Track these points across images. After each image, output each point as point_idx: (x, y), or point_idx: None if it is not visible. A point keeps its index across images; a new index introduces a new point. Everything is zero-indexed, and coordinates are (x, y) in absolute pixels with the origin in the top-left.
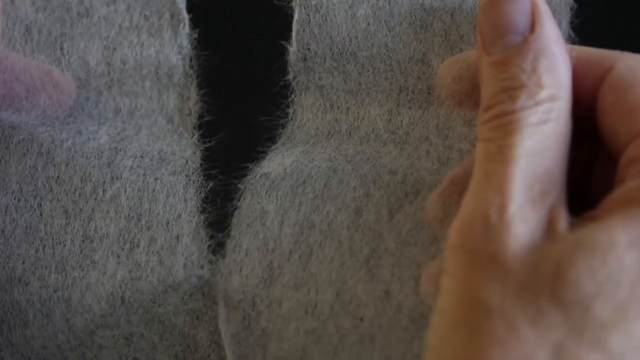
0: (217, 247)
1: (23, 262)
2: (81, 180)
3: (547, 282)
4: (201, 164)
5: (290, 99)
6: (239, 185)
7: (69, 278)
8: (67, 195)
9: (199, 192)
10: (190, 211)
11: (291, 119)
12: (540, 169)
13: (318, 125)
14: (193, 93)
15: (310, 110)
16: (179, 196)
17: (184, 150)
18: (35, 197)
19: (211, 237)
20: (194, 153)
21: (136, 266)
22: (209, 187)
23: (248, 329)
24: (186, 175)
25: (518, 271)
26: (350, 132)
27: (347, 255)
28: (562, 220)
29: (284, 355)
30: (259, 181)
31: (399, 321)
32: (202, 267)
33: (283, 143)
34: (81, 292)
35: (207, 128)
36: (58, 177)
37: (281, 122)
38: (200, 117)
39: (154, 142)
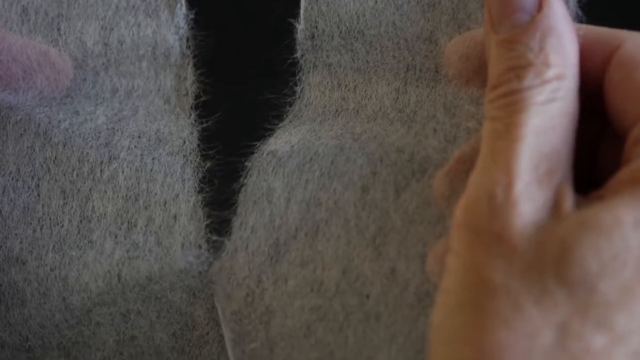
0: (216, 226)
1: (20, 242)
2: (79, 160)
3: (552, 261)
4: (198, 144)
5: (297, 77)
6: (245, 163)
7: (67, 257)
8: (64, 175)
9: (196, 172)
10: (188, 191)
11: (299, 97)
12: (547, 148)
13: (325, 103)
14: (190, 73)
15: (318, 88)
16: (176, 176)
17: (182, 130)
18: (32, 178)
19: (209, 216)
20: (191, 133)
21: (134, 246)
22: (206, 167)
23: (251, 306)
24: (184, 156)
25: (523, 250)
26: (357, 111)
27: (353, 233)
28: (568, 199)
29: (288, 333)
30: (265, 159)
31: (405, 299)
32: (199, 246)
33: (290, 121)
34: (78, 271)
35: (204, 108)
36: (55, 157)
37: (289, 100)
38: (197, 97)
39: (151, 122)
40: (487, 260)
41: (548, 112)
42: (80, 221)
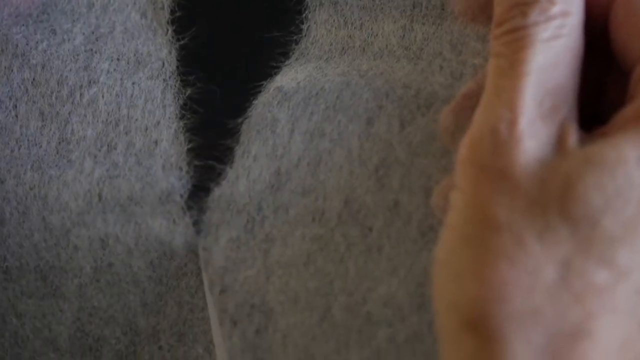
0: (197, 151)
1: None
2: (57, 83)
3: (555, 197)
4: (177, 67)
5: (304, 15)
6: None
7: (46, 176)
8: (43, 98)
9: (177, 98)
10: (169, 117)
11: (305, 35)
12: (551, 85)
13: (332, 41)
14: None
15: (324, 26)
16: (157, 102)
17: (160, 50)
18: (10, 99)
19: (190, 141)
20: (170, 53)
21: (114, 165)
22: (187, 94)
23: (251, 233)
24: (163, 80)
25: (527, 186)
26: (363, 48)
27: (356, 164)
28: (573, 136)
29: (287, 261)
30: (271, 94)
31: (408, 233)
32: (180, 168)
33: (297, 59)
34: (58, 190)
35: (180, 24)
36: (34, 79)
37: (295, 38)
38: (172, 12)
39: (129, 41)
40: (491, 196)
41: (552, 49)
42: (59, 142)
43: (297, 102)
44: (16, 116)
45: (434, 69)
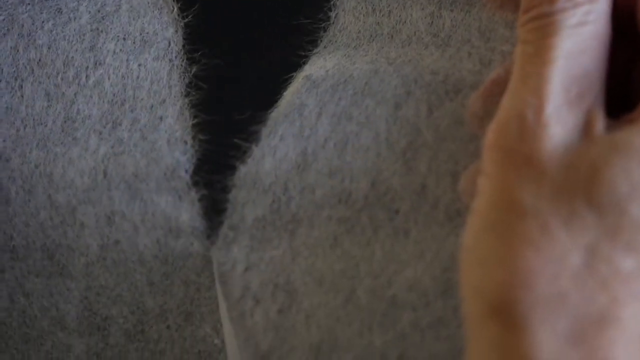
0: (203, 127)
1: (4, 141)
2: (64, 64)
3: (581, 183)
4: (184, 46)
5: (332, 2)
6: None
7: (51, 154)
8: (49, 78)
9: (182, 77)
10: (175, 96)
11: (333, 23)
12: (578, 71)
13: (360, 28)
14: None
15: (352, 13)
16: (163, 83)
17: (166, 29)
18: (16, 79)
19: (195, 117)
20: (176, 32)
21: (119, 142)
22: (192, 72)
23: (277, 213)
24: (169, 60)
25: (553, 172)
26: (392, 35)
27: (383, 147)
28: (599, 122)
29: (313, 243)
30: (300, 82)
31: (435, 217)
32: (185, 142)
33: (325, 47)
34: (63, 167)
35: (185, 1)
36: (40, 60)
37: (323, 25)
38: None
39: (135, 19)
40: (517, 182)
41: (579, 35)
42: (65, 121)
43: (325, 88)
44: (22, 96)
45: (462, 56)
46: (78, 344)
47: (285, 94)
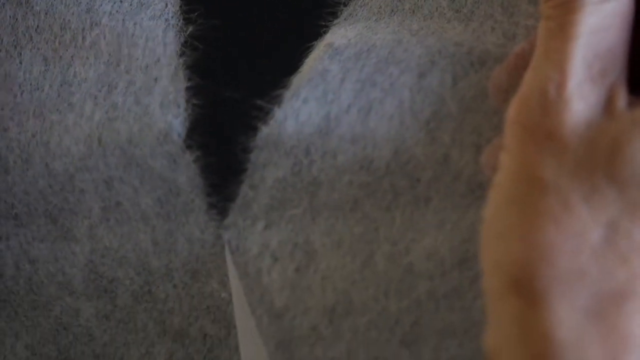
0: (197, 91)
1: (2, 109)
2: (61, 28)
3: (603, 159)
4: (180, 6)
5: None
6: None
7: (47, 122)
8: (46, 43)
9: (178, 36)
10: (170, 55)
11: None
12: (601, 47)
13: (381, 3)
14: None
15: None
16: (158, 40)
17: None
18: (15, 47)
19: (189, 79)
20: None
21: (113, 107)
22: (188, 32)
23: (298, 176)
24: (165, 20)
25: (574, 148)
26: (413, 10)
27: (407, 115)
28: (621, 99)
29: (333, 205)
30: (322, 49)
31: (457, 188)
32: (178, 106)
33: (345, 19)
34: (59, 136)
35: None
36: (38, 26)
37: (343, 0)
38: None
39: None
40: (539, 157)
41: (602, 12)
42: (61, 85)
43: (349, 56)
44: (20, 62)
45: (486, 30)
46: (86, 308)
47: (307, 60)
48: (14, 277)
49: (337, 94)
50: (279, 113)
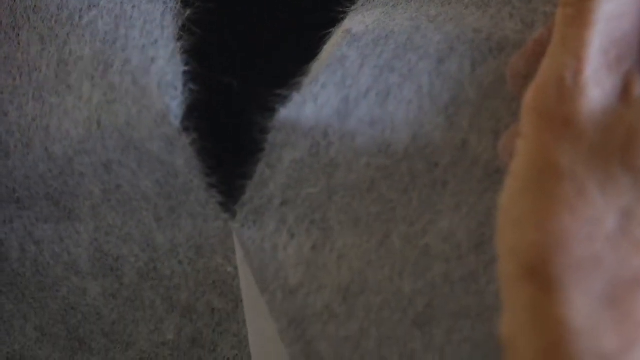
0: (193, 75)
1: (1, 93)
2: (58, 8)
3: (618, 146)
4: None
5: None
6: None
7: (47, 105)
8: (43, 22)
9: (176, 19)
10: (167, 37)
11: None
12: (618, 34)
13: None
14: None
15: None
16: (156, 23)
17: None
18: (14, 29)
19: (187, 64)
20: None
21: (111, 88)
22: (186, 15)
23: (316, 157)
24: (163, 2)
25: (590, 135)
26: None
27: (426, 100)
28: (637, 86)
29: (350, 185)
30: (340, 36)
31: (474, 173)
32: (175, 88)
33: (362, 5)
34: (59, 119)
35: None
36: (35, 6)
37: None
38: None
39: None
40: (554, 144)
41: None
42: (58, 65)
43: (367, 42)
44: (18, 43)
45: (504, 16)
46: (93, 287)
47: (325, 47)
48: (19, 259)
49: (355, 79)
50: (297, 97)
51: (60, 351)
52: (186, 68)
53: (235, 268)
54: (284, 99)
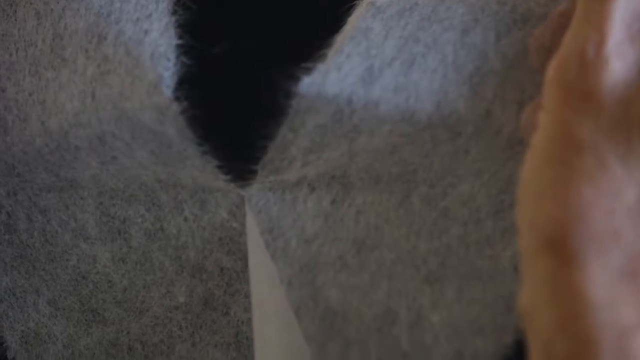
0: (188, 50)
1: None
2: None
3: (639, 119)
4: None
5: None
6: None
7: (43, 80)
8: None
9: None
10: (161, 12)
11: None
12: (639, 8)
13: None
14: None
15: None
16: None
17: None
18: (11, 6)
19: (180, 37)
20: None
21: (104, 59)
22: None
23: (339, 123)
24: None
25: (611, 108)
26: None
27: (450, 69)
28: None
29: (373, 149)
30: (364, 8)
31: (497, 142)
32: (168, 59)
33: None
34: (55, 93)
35: None
36: None
37: None
38: None
39: None
40: (576, 117)
41: None
42: (53, 39)
43: (391, 14)
44: (15, 20)
45: None
46: (102, 253)
47: (349, 19)
48: (28, 230)
49: (380, 50)
50: (321, 67)
51: (74, 325)
52: (179, 41)
53: (242, 225)
54: (308, 70)
